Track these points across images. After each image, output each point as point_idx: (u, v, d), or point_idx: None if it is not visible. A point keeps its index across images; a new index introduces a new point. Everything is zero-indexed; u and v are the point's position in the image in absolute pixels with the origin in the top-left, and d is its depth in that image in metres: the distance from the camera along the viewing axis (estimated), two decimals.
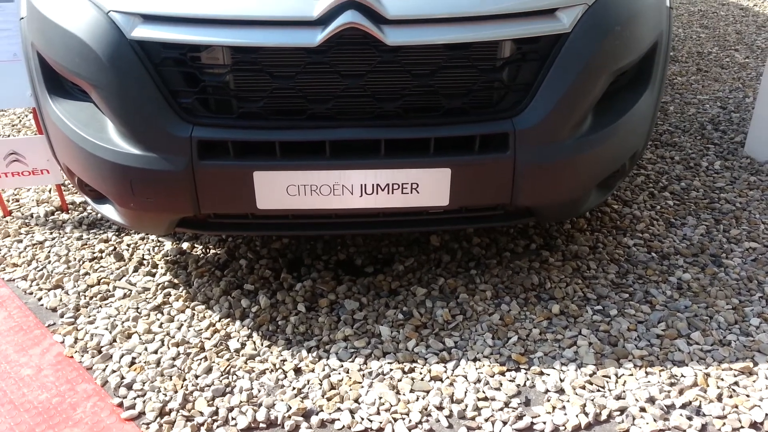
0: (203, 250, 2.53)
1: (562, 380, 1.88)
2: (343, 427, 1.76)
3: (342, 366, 1.95)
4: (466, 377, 1.90)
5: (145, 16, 1.78)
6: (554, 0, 1.83)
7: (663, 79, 2.14)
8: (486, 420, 1.76)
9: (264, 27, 1.77)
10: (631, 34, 1.92)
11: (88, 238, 2.65)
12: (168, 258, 2.49)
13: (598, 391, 1.85)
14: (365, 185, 1.89)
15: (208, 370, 1.95)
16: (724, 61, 4.77)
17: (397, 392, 1.86)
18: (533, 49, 1.86)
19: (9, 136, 3.74)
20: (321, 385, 1.88)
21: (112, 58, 1.79)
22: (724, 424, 1.74)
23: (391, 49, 1.80)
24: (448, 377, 1.90)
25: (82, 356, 2.02)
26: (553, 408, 1.80)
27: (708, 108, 3.87)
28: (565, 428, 1.74)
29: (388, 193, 1.91)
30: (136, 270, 2.43)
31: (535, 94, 1.86)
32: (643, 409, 1.78)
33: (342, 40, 1.77)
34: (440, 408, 1.81)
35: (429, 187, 1.90)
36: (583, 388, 1.86)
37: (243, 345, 2.05)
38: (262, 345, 2.05)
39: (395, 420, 1.76)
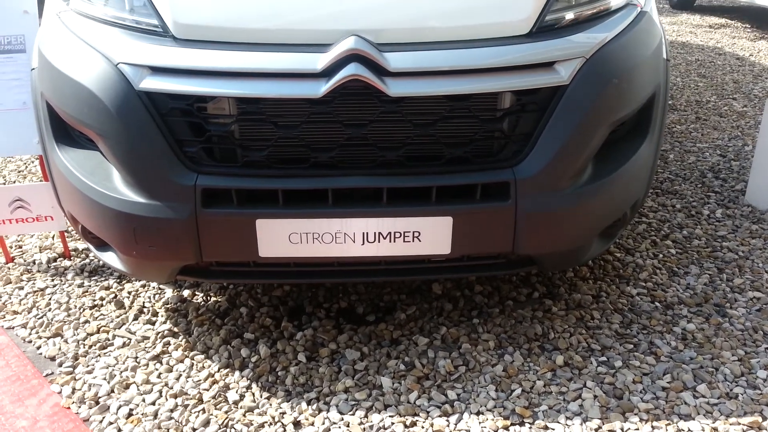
0: (204, 298, 2.52)
1: None
2: None
3: (342, 419, 1.92)
4: None
5: (153, 68, 1.82)
6: (553, 53, 1.87)
7: (662, 128, 2.17)
8: None
9: (270, 79, 1.81)
10: (628, 86, 1.96)
11: (90, 285, 2.64)
12: (168, 306, 2.48)
13: None
14: (367, 233, 1.89)
15: (206, 423, 1.91)
16: (723, 109, 4.83)
17: None
18: (533, 101, 1.89)
19: (15, 182, 3.77)
20: None
21: (120, 108, 1.82)
22: None
23: (393, 100, 1.83)
24: None
25: (80, 407, 1.99)
26: None
27: (708, 156, 3.90)
28: None
29: (390, 241, 1.91)
30: (136, 318, 2.42)
31: (535, 144, 1.89)
32: None
33: (345, 91, 1.81)
34: None
35: (431, 235, 1.90)
36: None
37: (242, 397, 2.02)
38: (261, 397, 2.01)
39: None
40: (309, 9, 1.86)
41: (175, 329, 2.35)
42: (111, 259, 2.10)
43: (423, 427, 1.88)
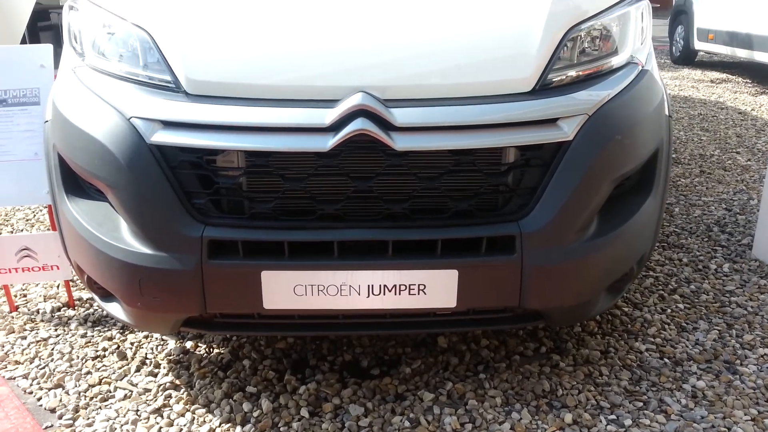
0: (207, 350, 2.50)
1: None
2: None
3: None
4: None
5: (165, 123, 1.86)
6: (555, 110, 1.91)
7: (666, 184, 2.18)
8: None
9: (279, 133, 1.84)
10: (631, 142, 1.98)
11: (93, 336, 2.62)
12: (171, 357, 2.46)
13: None
14: (372, 286, 1.88)
15: None
16: (727, 163, 4.86)
17: None
18: (537, 156, 1.91)
19: (23, 230, 3.80)
20: None
21: (131, 161, 1.85)
22: None
23: (399, 153, 1.86)
24: None
25: None
26: None
27: (713, 210, 3.91)
28: None
29: (396, 294, 1.90)
30: (138, 370, 2.39)
31: (540, 198, 1.90)
32: None
33: (352, 145, 1.83)
34: None
35: (436, 288, 1.89)
36: None
37: None
38: None
39: None
40: (317, 66, 1.91)
41: (177, 382, 2.32)
42: (115, 309, 2.10)
43: None
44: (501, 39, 1.99)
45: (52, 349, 2.54)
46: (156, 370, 2.38)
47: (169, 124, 1.86)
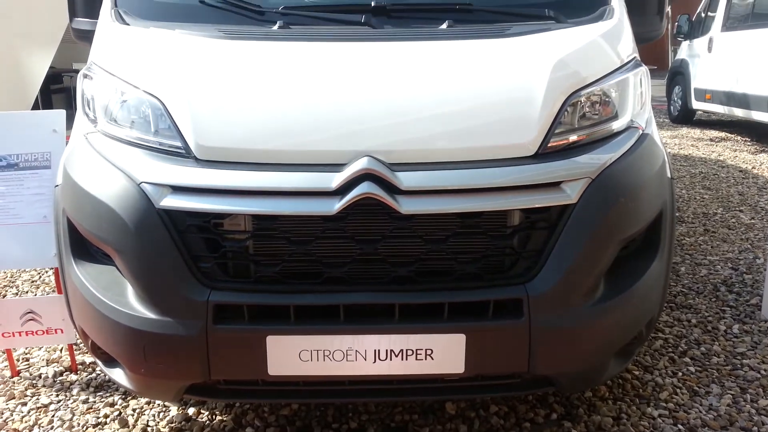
0: (209, 416, 2.45)
1: None
2: None
3: None
4: None
5: (174, 188, 1.88)
6: (559, 174, 1.93)
7: (671, 245, 2.18)
8: None
9: (286, 197, 1.86)
10: (635, 205, 1.99)
11: (94, 402, 2.58)
12: (173, 425, 2.41)
13: None
14: (379, 351, 1.86)
15: None
16: (730, 222, 4.87)
17: None
18: (541, 219, 1.92)
19: (28, 292, 3.79)
20: None
21: (140, 225, 1.86)
22: None
23: (405, 217, 1.87)
24: None
25: None
26: None
27: (719, 269, 3.89)
28: None
29: (402, 359, 1.88)
30: None
31: (546, 261, 1.89)
32: None
33: (358, 208, 1.85)
34: None
35: (443, 353, 1.87)
36: None
37: None
38: None
39: None
40: (323, 131, 1.94)
41: None
42: (118, 376, 2.07)
43: None
44: (503, 104, 2.03)
45: (53, 416, 2.49)
46: None
47: (178, 189, 1.89)
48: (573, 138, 2.04)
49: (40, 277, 4.04)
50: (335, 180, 1.85)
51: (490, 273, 1.93)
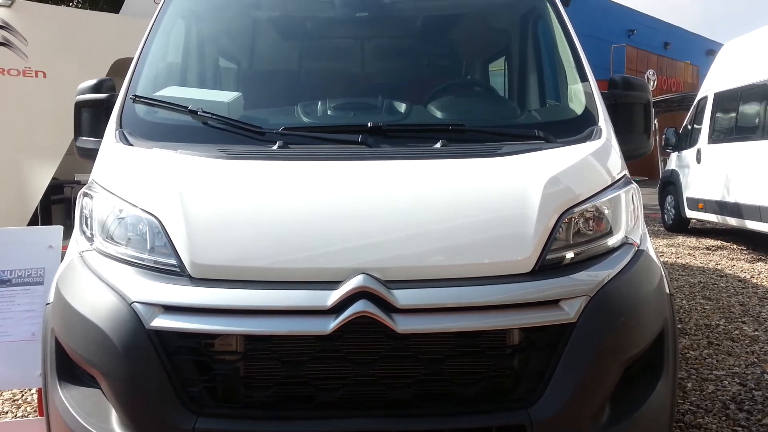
0: None
1: None
2: None
3: None
4: None
5: (166, 307, 1.85)
6: (556, 291, 1.91)
7: (676, 363, 2.12)
8: None
9: (279, 316, 1.83)
10: (636, 324, 1.96)
11: None
12: None
13: None
14: None
15: None
16: (734, 333, 4.78)
17: None
18: (541, 338, 1.88)
19: (8, 412, 3.63)
20: None
21: (128, 347, 1.82)
22: None
23: (401, 336, 1.83)
24: None
25: None
26: None
27: (727, 385, 3.76)
28: None
29: None
30: None
31: (548, 384, 1.83)
32: None
33: (353, 327, 1.81)
34: None
35: None
36: None
37: None
38: None
39: None
40: (319, 248, 1.94)
41: None
42: None
43: None
44: (498, 221, 2.04)
45: None
46: None
47: (170, 309, 1.86)
48: (569, 255, 2.03)
49: (23, 395, 3.89)
50: (330, 298, 1.82)
51: (491, 396, 1.86)
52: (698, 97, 10.07)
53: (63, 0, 15.03)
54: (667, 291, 2.19)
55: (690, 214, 9.87)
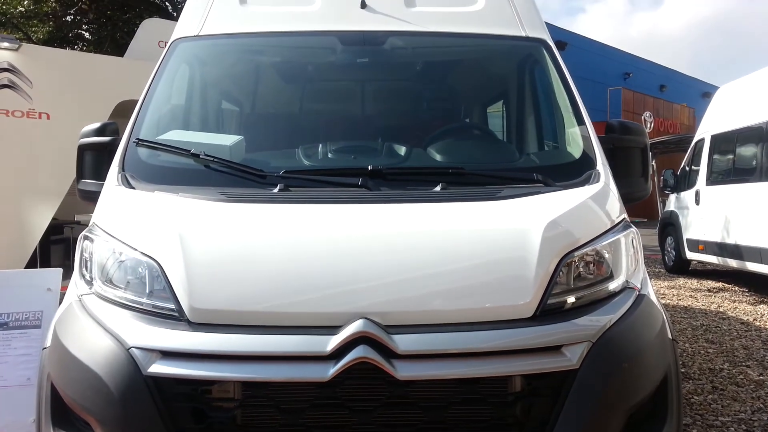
0: None
1: None
2: None
3: None
4: None
5: (164, 353, 1.83)
6: (558, 337, 1.90)
7: (680, 410, 2.08)
8: None
9: (278, 362, 1.81)
10: (639, 370, 1.94)
11: None
12: None
13: None
14: None
15: None
16: (738, 378, 4.71)
17: None
18: (544, 385, 1.86)
19: None
20: None
21: (125, 393, 1.79)
22: None
23: (402, 383, 1.80)
24: None
25: None
26: None
27: (733, 431, 3.69)
28: None
29: None
30: None
31: None
32: None
33: (352, 373, 1.79)
34: None
35: None
36: None
37: None
38: None
39: None
40: (319, 292, 1.93)
41: None
42: None
43: None
44: (499, 265, 2.04)
45: None
46: None
47: (168, 354, 1.84)
48: (570, 299, 2.03)
49: None
50: (330, 343, 1.81)
51: None
52: (695, 139, 10.16)
53: (69, 43, 15.36)
54: (670, 336, 2.17)
55: (690, 255, 9.84)
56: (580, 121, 2.74)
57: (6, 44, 6.81)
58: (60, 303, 2.29)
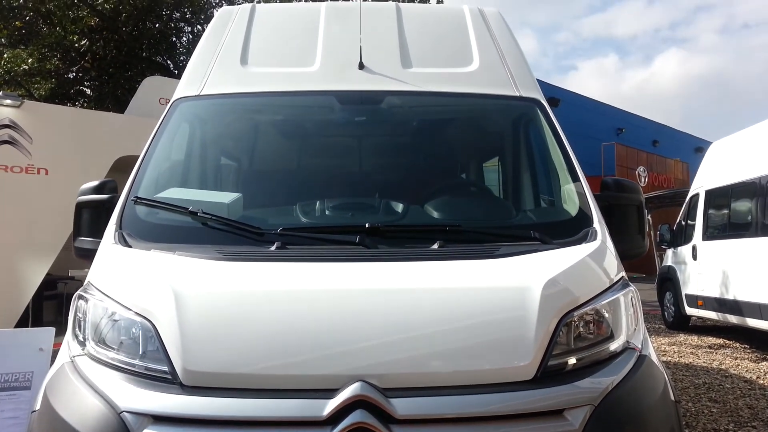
0: None
1: None
2: None
3: None
4: None
5: (156, 417, 1.78)
6: (560, 400, 1.86)
7: None
8: None
9: (272, 428, 1.76)
10: None
11: None
12: None
13: None
14: None
15: None
16: None
17: None
18: None
19: None
20: None
21: None
22: None
23: None
24: None
25: None
26: None
27: None
28: None
29: None
30: None
31: None
32: None
33: None
34: None
35: None
36: None
37: None
38: None
39: None
40: (315, 354, 1.89)
41: None
42: None
43: None
44: (498, 326, 2.01)
45: None
46: None
47: (159, 419, 1.79)
48: (571, 360, 1.99)
49: None
50: (327, 408, 1.77)
51: None
52: (690, 194, 10.23)
53: (71, 99, 15.61)
54: (673, 398, 2.12)
55: (690, 311, 9.76)
56: (575, 179, 2.76)
57: (8, 101, 6.93)
58: (52, 362, 2.24)
